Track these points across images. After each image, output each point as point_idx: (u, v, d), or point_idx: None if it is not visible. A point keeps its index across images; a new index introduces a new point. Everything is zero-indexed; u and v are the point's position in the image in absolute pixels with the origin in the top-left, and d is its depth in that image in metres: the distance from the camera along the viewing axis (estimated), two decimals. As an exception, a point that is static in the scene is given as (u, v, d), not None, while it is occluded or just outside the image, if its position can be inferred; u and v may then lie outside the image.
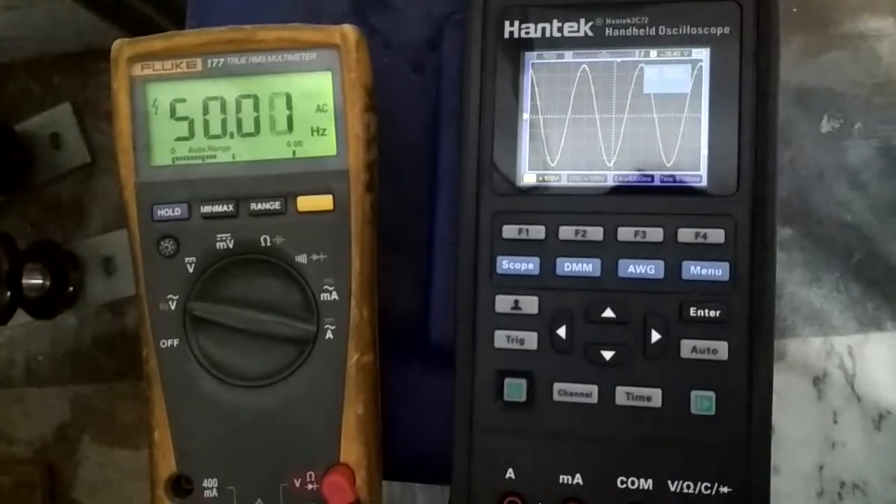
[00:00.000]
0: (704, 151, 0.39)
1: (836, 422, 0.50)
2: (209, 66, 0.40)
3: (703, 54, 0.39)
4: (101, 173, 0.63)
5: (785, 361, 0.50)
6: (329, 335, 0.40)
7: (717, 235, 0.38)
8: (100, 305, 0.63)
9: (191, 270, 0.40)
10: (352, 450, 0.40)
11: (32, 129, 0.63)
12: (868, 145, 0.50)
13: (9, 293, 0.60)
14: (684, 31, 0.39)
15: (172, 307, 0.40)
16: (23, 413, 0.65)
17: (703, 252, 0.38)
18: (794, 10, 0.51)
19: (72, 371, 0.64)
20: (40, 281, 0.60)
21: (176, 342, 0.40)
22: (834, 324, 0.50)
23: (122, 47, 0.40)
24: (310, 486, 0.40)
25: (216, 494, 0.40)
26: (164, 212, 0.40)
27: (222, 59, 0.40)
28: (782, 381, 0.41)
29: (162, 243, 0.40)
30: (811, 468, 0.50)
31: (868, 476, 0.50)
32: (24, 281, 0.60)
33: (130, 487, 0.41)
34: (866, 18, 0.51)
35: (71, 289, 0.63)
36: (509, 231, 0.40)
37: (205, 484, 0.40)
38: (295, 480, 0.40)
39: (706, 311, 0.38)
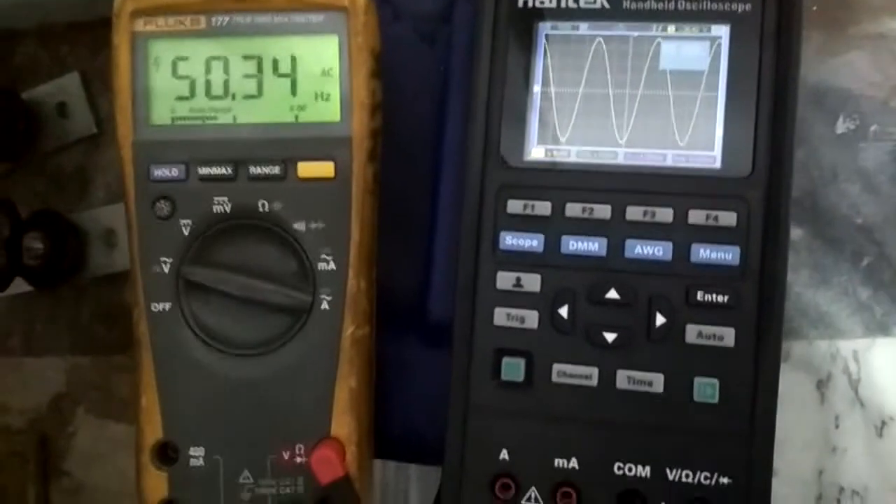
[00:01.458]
0: (719, 132, 0.38)
1: (837, 426, 0.49)
2: (213, 24, 0.39)
3: (722, 31, 0.38)
4: (107, 144, 0.62)
5: (789, 363, 0.49)
6: (325, 306, 0.39)
7: (728, 218, 0.37)
8: (100, 277, 0.62)
9: (186, 233, 0.39)
10: (343, 424, 0.39)
11: (40, 98, 0.62)
12: (883, 148, 0.49)
13: (8, 259, 0.59)
14: (704, 7, 0.38)
15: (166, 270, 0.39)
16: (19, 382, 0.64)
17: (714, 235, 0.37)
18: (814, 7, 0.50)
19: (70, 342, 0.63)
20: (41, 249, 0.59)
21: (168, 306, 0.39)
22: (840, 327, 0.49)
23: (124, 2, 0.39)
24: (298, 460, 0.39)
25: (202, 464, 0.39)
26: (160, 172, 0.39)
27: (227, 18, 0.39)
28: (785, 383, 0.40)
29: (157, 204, 0.39)
30: (811, 472, 0.49)
31: (868, 483, 0.49)
32: (25, 249, 0.59)
33: (124, 461, 0.41)
34: (886, 20, 0.50)
35: (72, 259, 0.62)
36: (514, 206, 0.39)
37: (191, 452, 0.39)
38: (283, 453, 0.39)
39: (714, 296, 0.37)
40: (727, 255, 0.37)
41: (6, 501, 0.62)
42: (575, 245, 0.38)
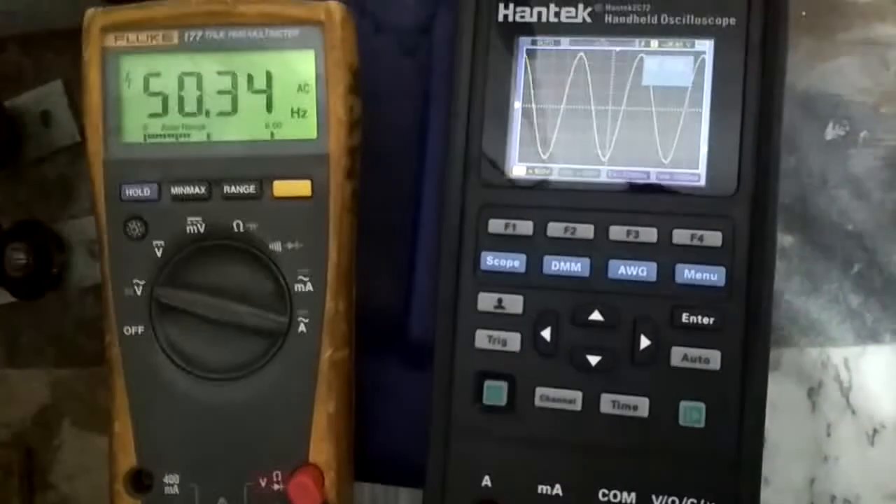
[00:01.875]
0: (704, 149, 0.37)
1: (829, 434, 0.48)
2: (186, 39, 0.38)
3: (706, 46, 0.37)
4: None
5: (779, 371, 0.49)
6: (302, 328, 0.38)
7: (713, 238, 0.36)
8: (84, 288, 0.61)
9: (159, 254, 0.38)
10: (321, 450, 0.38)
11: (22, 106, 0.61)
12: (873, 154, 0.48)
13: (-10, 272, 0.58)
14: (687, 21, 0.37)
15: (138, 292, 0.38)
16: (3, 395, 0.63)
17: (699, 255, 0.36)
18: (804, 13, 0.49)
19: (54, 354, 0.62)
20: (24, 261, 0.58)
21: (141, 329, 0.39)
22: (831, 335, 0.49)
23: (94, 16, 0.38)
24: (276, 487, 0.38)
25: (177, 492, 0.38)
26: (132, 191, 0.38)
27: (200, 33, 0.38)
28: (776, 392, 0.40)
29: (129, 225, 0.38)
30: (802, 481, 0.48)
31: (859, 491, 0.48)
32: (8, 260, 0.58)
33: (108, 473, 0.40)
34: (877, 25, 0.49)
35: (55, 270, 0.61)
36: (495, 225, 0.38)
37: (166, 480, 0.38)
38: (260, 480, 0.38)
39: (699, 317, 0.36)
40: (713, 275, 0.36)
41: (-10, 515, 0.61)
42: (557, 265, 0.37)
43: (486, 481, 0.37)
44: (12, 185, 0.61)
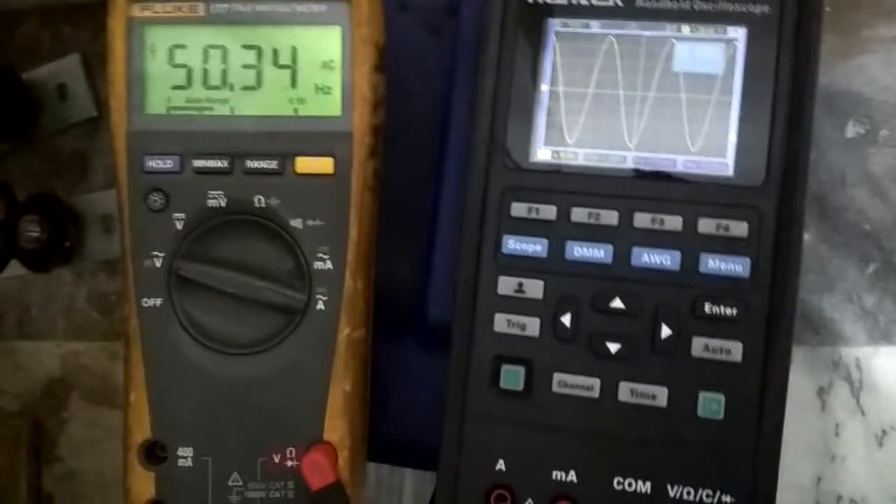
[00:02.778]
0: (733, 138, 0.36)
1: (837, 434, 0.48)
2: (212, 11, 0.38)
3: (739, 34, 0.36)
4: (106, 128, 0.61)
5: (790, 368, 0.49)
6: (320, 306, 0.38)
7: (740, 228, 0.36)
8: (97, 262, 0.61)
9: (179, 227, 0.38)
10: (336, 428, 0.38)
11: (40, 79, 0.61)
12: (893, 154, 0.48)
13: (4, 243, 0.58)
14: (721, 8, 0.36)
15: (157, 265, 0.38)
16: (13, 366, 0.63)
17: (724, 245, 0.36)
18: (828, 9, 0.49)
19: (65, 327, 0.62)
20: (38, 233, 0.58)
21: (159, 302, 0.38)
22: (844, 334, 0.49)
23: (121, -15, 0.38)
24: (289, 463, 0.38)
25: (191, 464, 0.38)
26: (154, 163, 0.38)
27: (227, 6, 0.38)
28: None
29: (150, 196, 0.38)
30: (809, 479, 0.49)
31: (866, 492, 0.48)
32: (22, 232, 0.58)
33: (116, 448, 0.40)
34: (902, 24, 0.49)
35: (68, 244, 0.61)
36: (518, 209, 0.37)
37: (180, 452, 0.38)
38: (274, 456, 0.38)
39: (722, 308, 0.36)
40: (737, 266, 0.36)
41: (-2, 485, 0.61)
42: (580, 251, 0.37)
43: (501, 465, 0.37)
44: (28, 157, 0.61)
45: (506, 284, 0.37)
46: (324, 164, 0.38)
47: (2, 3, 0.65)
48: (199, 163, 0.38)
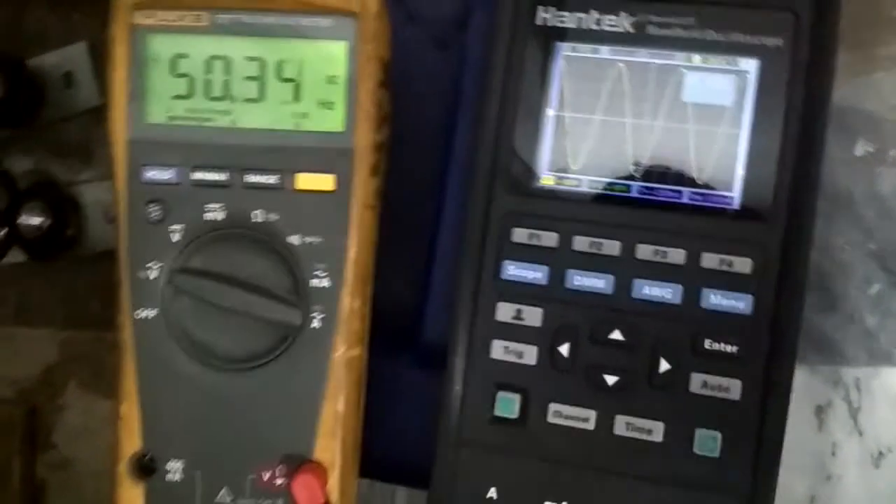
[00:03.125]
0: (740, 171, 0.36)
1: (834, 454, 0.48)
2: (217, 21, 0.38)
3: (750, 66, 0.36)
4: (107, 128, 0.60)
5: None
6: (316, 324, 0.38)
7: (743, 264, 0.35)
8: (97, 252, 0.61)
9: (175, 239, 0.38)
10: (327, 448, 0.38)
11: (46, 66, 0.60)
12: (901, 174, 0.48)
13: (5, 229, 0.58)
14: (733, 39, 0.36)
15: (152, 276, 0.38)
16: (10, 352, 0.63)
17: (727, 281, 0.35)
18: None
19: (64, 315, 0.62)
20: (39, 221, 0.58)
21: (153, 313, 0.38)
22: (845, 354, 0.48)
23: (125, -9, 0.37)
24: (279, 481, 0.38)
25: (181, 478, 0.38)
26: (153, 174, 0.38)
27: (232, 16, 0.38)
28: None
29: (148, 207, 0.38)
30: (803, 498, 0.48)
31: (861, 513, 0.48)
32: (23, 220, 0.58)
33: (112, 437, 0.40)
34: (915, 42, 0.48)
35: (70, 232, 0.61)
36: (519, 234, 0.37)
37: (169, 466, 0.38)
38: (264, 473, 0.38)
39: (722, 345, 0.35)
40: (739, 303, 0.35)
41: (-8, 471, 0.61)
42: (580, 280, 0.36)
43: (492, 493, 0.37)
44: (31, 144, 0.61)
45: (504, 311, 0.37)
46: (324, 181, 0.37)
47: (10, -12, 0.64)
48: (198, 175, 0.38)
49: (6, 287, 0.62)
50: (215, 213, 0.38)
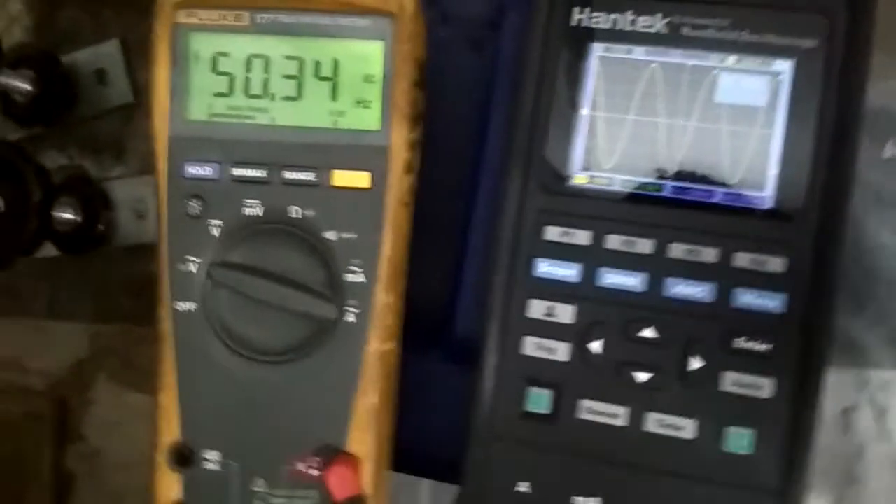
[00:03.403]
0: (773, 171, 0.36)
1: (860, 457, 0.48)
2: (257, 21, 0.38)
3: (785, 67, 0.36)
4: (142, 114, 0.61)
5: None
6: (350, 318, 0.38)
7: (776, 264, 0.35)
8: (128, 247, 0.62)
9: (215, 234, 0.39)
10: (361, 440, 0.38)
11: (79, 63, 0.61)
12: (930, 177, 0.47)
13: (38, 224, 0.59)
14: (767, 40, 0.36)
15: (193, 269, 0.39)
16: (41, 345, 0.64)
17: (759, 280, 0.36)
18: None
19: (94, 309, 0.63)
20: (71, 216, 0.59)
21: (193, 306, 0.39)
22: (871, 356, 0.48)
23: (168, -9, 0.38)
24: (314, 473, 0.38)
25: (217, 468, 0.39)
26: (194, 169, 0.39)
27: (272, 16, 0.38)
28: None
29: (189, 202, 0.39)
30: (828, 502, 0.48)
31: (886, 518, 0.48)
32: (56, 214, 0.59)
33: (141, 430, 0.41)
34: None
35: (101, 227, 0.62)
36: (552, 232, 0.37)
37: (206, 455, 0.39)
38: (299, 464, 0.38)
39: (754, 343, 0.35)
40: (772, 302, 0.35)
41: (22, 462, 0.62)
42: (613, 278, 0.37)
43: (523, 487, 0.37)
44: (65, 140, 0.62)
45: (536, 308, 0.37)
46: (360, 178, 0.38)
47: (44, -14, 0.65)
48: (238, 171, 0.38)
49: (39, 281, 0.63)
50: (254, 208, 0.38)
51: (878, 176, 0.48)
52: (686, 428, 0.36)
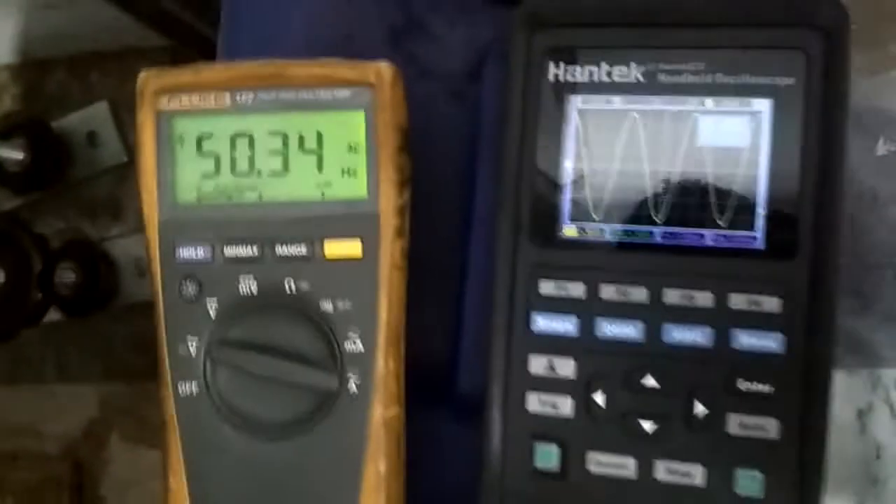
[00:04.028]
0: (761, 211, 0.36)
1: (878, 457, 0.48)
2: (238, 101, 0.39)
3: (764, 106, 0.36)
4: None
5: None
6: (353, 388, 0.38)
7: (771, 304, 0.35)
8: (131, 305, 0.63)
9: (212, 314, 0.39)
10: (372, 507, 0.38)
11: (69, 127, 0.62)
12: (924, 172, 0.47)
13: (41, 294, 0.60)
14: (744, 81, 0.36)
15: (192, 351, 0.39)
16: (53, 409, 0.64)
17: (757, 321, 0.36)
18: (855, 26, 0.48)
19: (103, 369, 0.64)
20: (73, 279, 0.59)
21: (195, 387, 0.39)
22: (882, 355, 0.48)
23: (147, 80, 0.38)
24: (326, 545, 0.38)
25: (231, 548, 0.39)
26: (187, 252, 0.39)
27: (252, 95, 0.39)
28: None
29: (184, 284, 0.39)
30: (849, 504, 0.48)
31: (908, 516, 0.48)
32: (57, 279, 0.59)
33: (157, 487, 0.41)
34: (935, 37, 0.48)
35: (103, 287, 0.63)
36: (546, 287, 0.38)
37: (220, 535, 0.39)
38: (312, 538, 0.38)
39: (756, 384, 0.35)
40: (770, 341, 0.35)
41: (44, 529, 0.63)
42: (611, 329, 0.37)
43: (538, 546, 0.37)
44: (61, 204, 0.62)
45: (537, 363, 0.37)
46: (352, 247, 0.38)
47: (31, 53, 0.66)
48: (230, 251, 0.38)
49: (45, 346, 0.64)
50: (249, 285, 0.39)
51: (872, 174, 0.48)
52: (696, 474, 0.36)
